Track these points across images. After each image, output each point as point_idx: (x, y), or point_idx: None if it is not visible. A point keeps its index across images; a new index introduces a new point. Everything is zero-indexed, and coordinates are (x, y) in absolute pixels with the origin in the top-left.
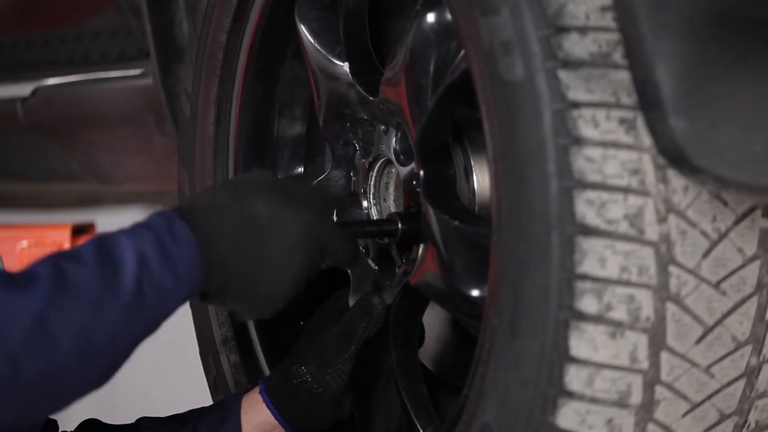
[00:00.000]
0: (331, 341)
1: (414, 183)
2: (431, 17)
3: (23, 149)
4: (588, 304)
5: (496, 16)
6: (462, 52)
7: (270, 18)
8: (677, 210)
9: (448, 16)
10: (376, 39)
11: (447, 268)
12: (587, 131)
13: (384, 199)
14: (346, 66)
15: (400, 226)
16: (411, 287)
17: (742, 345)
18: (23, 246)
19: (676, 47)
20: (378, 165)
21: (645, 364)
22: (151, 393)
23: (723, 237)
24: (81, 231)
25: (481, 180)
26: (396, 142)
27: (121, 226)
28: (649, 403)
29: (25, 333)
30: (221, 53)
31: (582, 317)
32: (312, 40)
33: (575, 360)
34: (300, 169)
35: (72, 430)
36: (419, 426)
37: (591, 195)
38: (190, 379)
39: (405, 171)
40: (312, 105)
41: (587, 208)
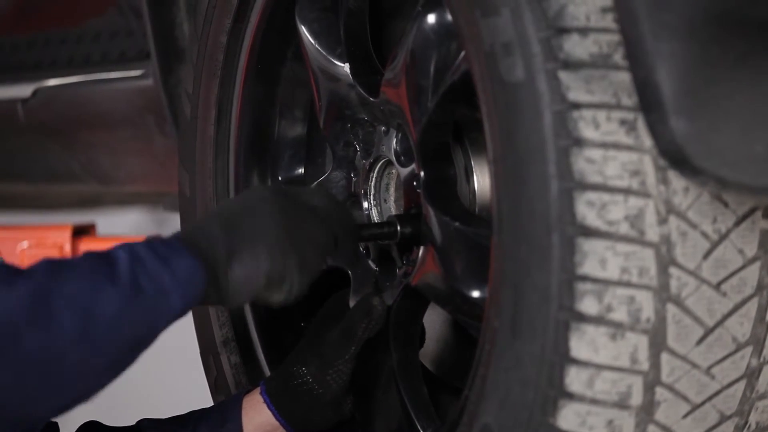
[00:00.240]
0: (332, 342)
1: (414, 184)
2: (432, 18)
3: (24, 150)
4: (588, 305)
5: (496, 17)
6: (462, 53)
7: (270, 19)
8: (678, 211)
9: (448, 17)
10: (376, 40)
11: (447, 269)
12: (588, 132)
13: (384, 200)
14: (346, 67)
15: (399, 228)
16: (411, 288)
17: (742, 346)
18: (24, 247)
19: (676, 48)
20: (378, 166)
21: (645, 365)
22: (152, 394)
23: (723, 238)
24: (81, 232)
25: (482, 181)
26: (396, 143)
27: (122, 227)
28: (650, 405)
29: (28, 307)
30: (222, 54)
31: (582, 318)
32: (312, 41)
33: (576, 361)
34: (300, 170)
35: None
36: (420, 427)
37: (591, 196)
38: (190, 380)
39: (405, 172)
40: (312, 106)
41: (588, 209)
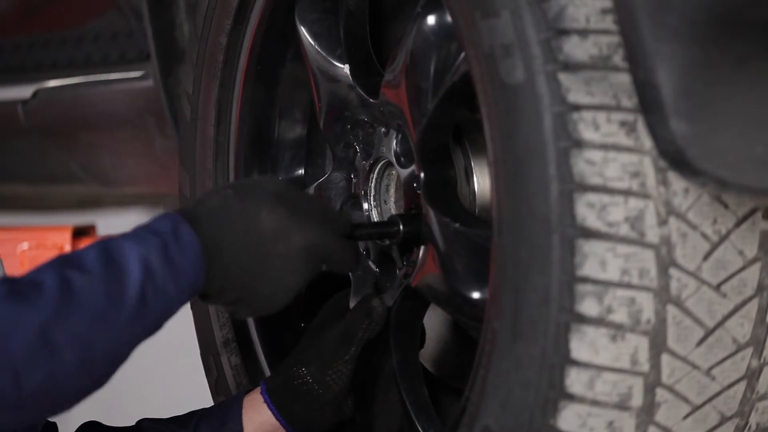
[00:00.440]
0: (332, 343)
1: (414, 185)
2: (432, 19)
3: (24, 151)
4: (589, 306)
5: (496, 18)
6: (462, 54)
7: (270, 20)
8: (678, 212)
9: (448, 18)
10: (376, 41)
11: (448, 270)
12: (588, 134)
13: (384, 201)
14: (346, 68)
15: (401, 228)
16: (412, 289)
17: (742, 347)
18: (24, 248)
19: (676, 49)
20: (378, 167)
21: (646, 366)
22: (152, 395)
23: (724, 239)
24: (82, 233)
25: (482, 182)
26: (396, 144)
27: (122, 228)
28: (650, 406)
29: (28, 347)
30: (222, 55)
31: (583, 320)
32: (312, 42)
33: (576, 363)
34: (300, 171)
35: None
36: (420, 428)
37: (592, 198)
38: (191, 381)
39: (405, 173)
40: (312, 107)
41: (588, 210)
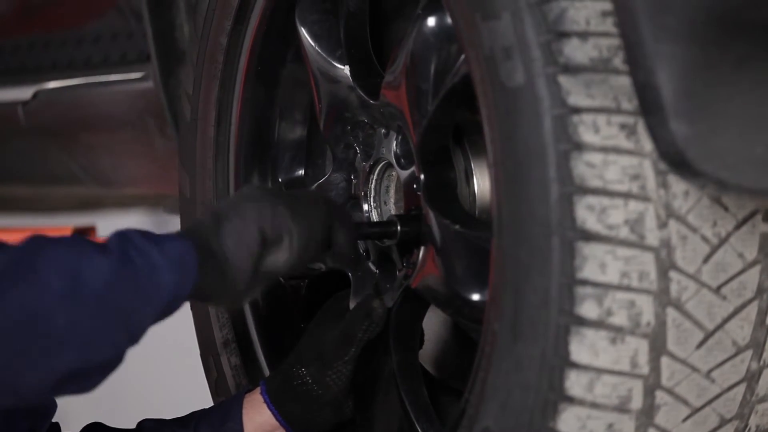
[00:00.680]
0: (332, 343)
1: (414, 186)
2: (432, 21)
3: (24, 152)
4: (588, 309)
5: (496, 21)
6: (462, 56)
7: (270, 21)
8: (678, 215)
9: (448, 20)
10: (376, 42)
11: (448, 271)
12: (588, 136)
13: (384, 203)
14: (346, 69)
15: (399, 228)
16: (411, 291)
17: (742, 350)
18: None
19: (676, 51)
20: (379, 168)
21: (645, 369)
22: (153, 395)
23: (723, 242)
24: (82, 234)
25: (482, 184)
26: (396, 145)
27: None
28: (650, 408)
29: (13, 268)
30: (222, 56)
31: (583, 322)
32: (312, 43)
33: (576, 365)
34: (301, 172)
35: None
36: (420, 429)
37: (591, 200)
38: (191, 382)
39: (405, 174)
40: (312, 108)
41: (588, 213)
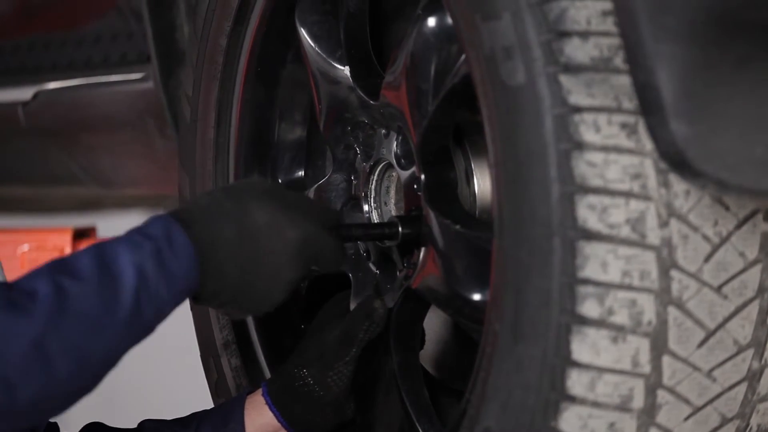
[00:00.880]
0: (333, 344)
1: (415, 187)
2: (432, 21)
3: (24, 153)
4: (590, 308)
5: (497, 20)
6: (463, 56)
7: (270, 21)
8: (679, 214)
9: (449, 20)
10: (376, 43)
11: (448, 272)
12: (589, 136)
13: (385, 203)
14: (346, 70)
15: (400, 229)
16: (412, 291)
17: (743, 349)
18: (24, 250)
19: (676, 51)
20: (379, 169)
21: (647, 368)
22: (153, 396)
23: (724, 241)
24: (82, 235)
25: (483, 184)
26: (397, 145)
27: (122, 229)
28: (651, 407)
29: (23, 358)
30: (222, 57)
31: (584, 321)
32: (312, 43)
33: (577, 364)
34: (301, 173)
35: None
36: (421, 430)
37: (593, 199)
38: (191, 383)
39: (406, 175)
40: (312, 108)
41: (589, 212)
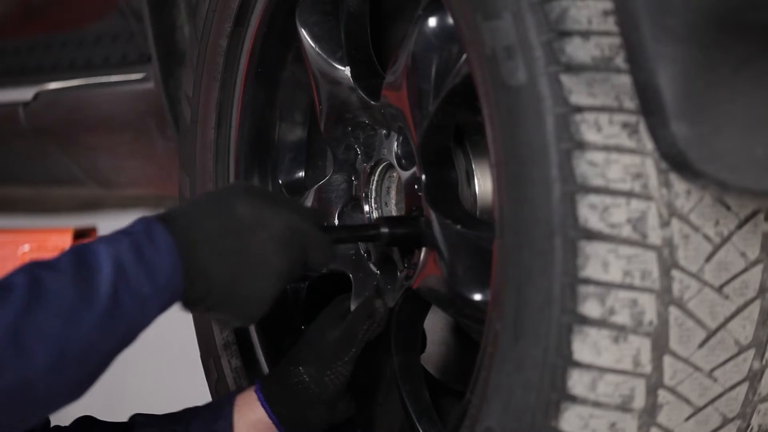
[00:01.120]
0: (332, 343)
1: (416, 187)
2: (433, 21)
3: (25, 153)
4: (591, 308)
5: (498, 20)
6: (464, 56)
7: (271, 22)
8: (680, 214)
9: (450, 20)
10: (377, 43)
11: (449, 272)
12: (590, 135)
13: (386, 204)
14: (347, 70)
15: (385, 230)
16: (413, 291)
17: (744, 349)
18: (25, 250)
19: (677, 51)
20: (380, 169)
21: (648, 368)
22: (153, 396)
23: (726, 241)
24: (83, 235)
25: (483, 184)
26: (398, 146)
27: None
28: (652, 407)
29: (1, 345)
30: (222, 58)
31: (585, 321)
32: (313, 44)
33: (578, 364)
34: (301, 173)
35: (66, 425)
36: (422, 430)
37: (594, 199)
38: (191, 383)
39: (407, 175)
40: (313, 109)
41: (590, 212)
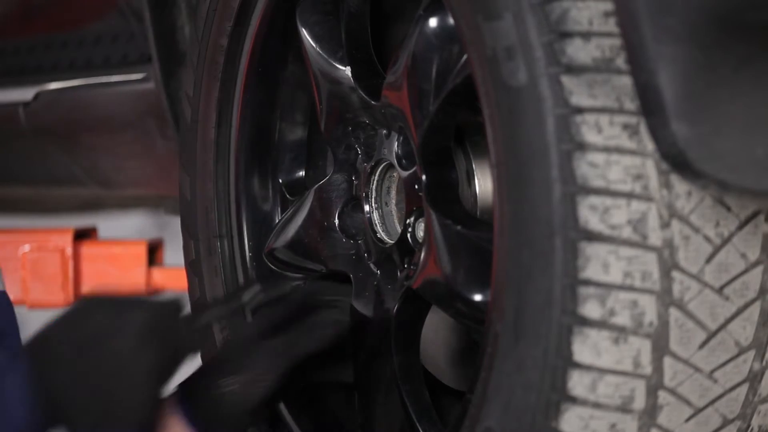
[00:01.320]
0: (269, 352)
1: (416, 187)
2: (434, 21)
3: (25, 153)
4: (591, 309)
5: (499, 21)
6: (464, 56)
7: (271, 22)
8: (680, 215)
9: (450, 20)
10: (378, 43)
11: (449, 272)
12: (590, 136)
13: (386, 203)
14: (347, 70)
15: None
16: (413, 291)
17: (745, 350)
18: (25, 250)
19: (678, 52)
20: (380, 169)
21: (648, 369)
22: None
23: (726, 242)
24: (83, 235)
25: (484, 184)
26: (398, 146)
27: (123, 230)
28: (653, 408)
29: None
30: (222, 57)
31: (585, 322)
32: (313, 44)
33: (579, 365)
34: (301, 173)
35: None
36: (422, 430)
37: (594, 200)
38: None
39: (407, 175)
40: (313, 109)
41: (590, 213)
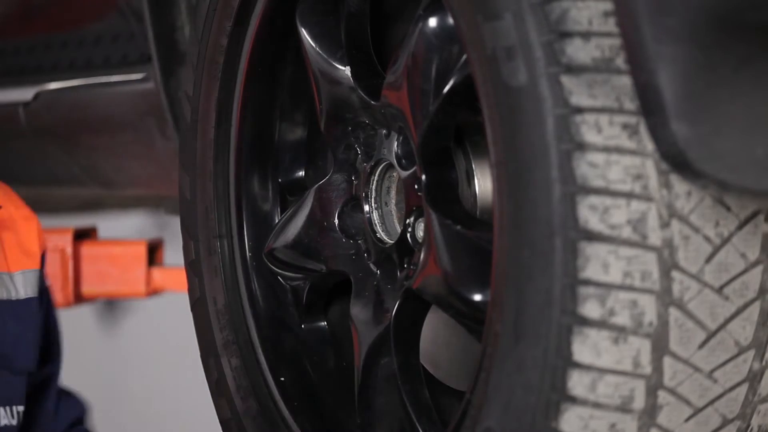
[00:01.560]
0: None
1: (416, 187)
2: (433, 21)
3: (25, 153)
4: (591, 309)
5: (498, 21)
6: (464, 56)
7: (271, 22)
8: (680, 215)
9: (450, 20)
10: (377, 43)
11: (449, 272)
12: (590, 136)
13: (386, 203)
14: (347, 70)
15: None
16: (413, 291)
17: (744, 350)
18: None
19: (677, 52)
20: (380, 169)
21: (648, 369)
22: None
23: (726, 242)
24: (83, 235)
25: (484, 184)
26: (398, 146)
27: (123, 229)
28: (652, 408)
29: None
30: (222, 57)
31: (585, 322)
32: (313, 43)
33: (578, 365)
34: (301, 173)
35: None
36: (422, 430)
37: (594, 200)
38: (191, 383)
39: (407, 175)
40: (313, 109)
41: (590, 213)
